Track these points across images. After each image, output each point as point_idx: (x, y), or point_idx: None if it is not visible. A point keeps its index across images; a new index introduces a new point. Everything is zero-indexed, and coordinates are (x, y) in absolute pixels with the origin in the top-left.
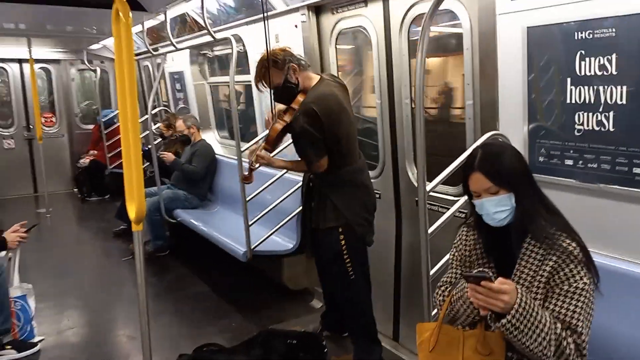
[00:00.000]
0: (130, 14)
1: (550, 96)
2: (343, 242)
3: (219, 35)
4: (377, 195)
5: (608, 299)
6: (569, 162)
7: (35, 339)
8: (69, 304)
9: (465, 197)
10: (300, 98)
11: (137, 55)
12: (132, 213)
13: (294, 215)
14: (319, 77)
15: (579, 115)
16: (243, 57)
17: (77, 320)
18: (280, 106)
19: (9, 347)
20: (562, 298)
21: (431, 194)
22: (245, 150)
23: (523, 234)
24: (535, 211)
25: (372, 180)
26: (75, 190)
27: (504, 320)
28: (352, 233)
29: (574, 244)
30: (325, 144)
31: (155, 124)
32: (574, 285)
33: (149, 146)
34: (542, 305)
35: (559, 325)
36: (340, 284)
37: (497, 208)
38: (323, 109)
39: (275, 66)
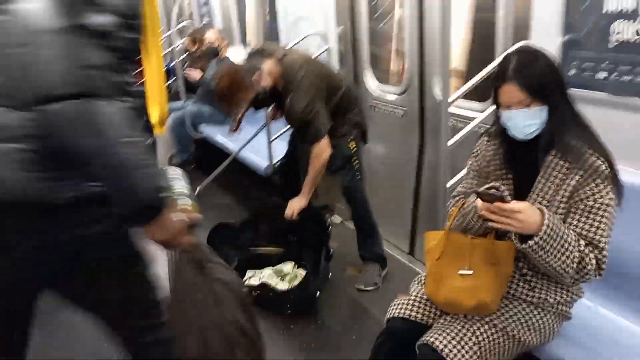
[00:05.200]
0: None
1: (586, 4)
2: (352, 147)
3: None
4: (401, 113)
5: (629, 214)
6: (603, 74)
7: None
8: None
9: (488, 112)
10: (280, 86)
11: None
12: (155, 115)
13: None
14: (273, 60)
15: (616, 24)
16: None
17: None
18: None
19: None
20: (585, 214)
21: (456, 111)
22: None
23: (548, 147)
24: (565, 125)
25: (396, 97)
26: None
27: (531, 242)
28: (363, 137)
29: (601, 160)
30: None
31: (180, 39)
32: (599, 201)
33: (174, 62)
34: (564, 221)
35: (582, 242)
36: (351, 187)
37: (528, 122)
38: (309, 78)
39: (241, 90)
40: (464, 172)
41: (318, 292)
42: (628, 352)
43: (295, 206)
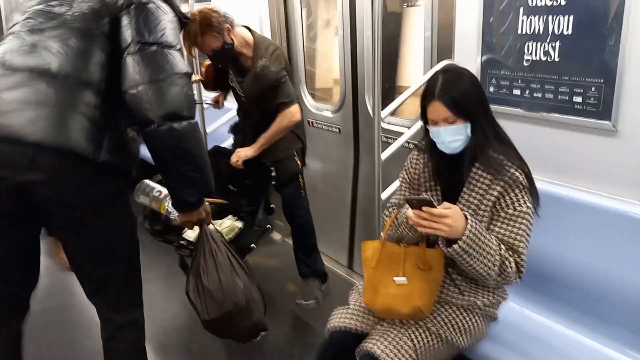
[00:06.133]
0: None
1: (503, 27)
2: (299, 164)
3: None
4: (337, 130)
5: (545, 221)
6: (517, 92)
7: None
8: None
9: (416, 127)
10: (246, 52)
11: None
12: None
13: None
14: (244, 28)
15: (528, 45)
16: None
17: None
18: None
19: None
20: (506, 221)
21: (387, 127)
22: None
23: (473, 160)
24: (487, 140)
25: (332, 115)
26: None
27: (455, 246)
28: (303, 156)
29: (519, 172)
30: None
31: None
32: (518, 209)
33: None
34: (487, 228)
35: (503, 247)
36: (295, 204)
37: (453, 137)
38: (281, 55)
39: (211, 30)
40: (395, 183)
41: (253, 245)
42: (549, 348)
43: (242, 154)
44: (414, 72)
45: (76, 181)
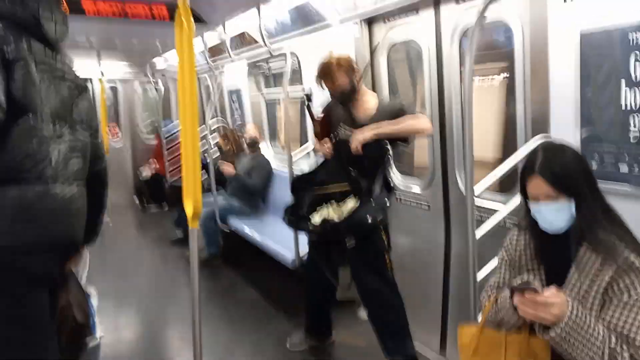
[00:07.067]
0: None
1: (604, 99)
2: (385, 240)
3: (274, 48)
4: (427, 206)
5: None
6: (624, 167)
7: (97, 334)
8: (127, 303)
9: (514, 204)
10: (367, 99)
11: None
12: (189, 209)
13: None
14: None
15: (634, 118)
16: (297, 72)
17: (134, 318)
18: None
19: None
20: (619, 310)
21: (479, 203)
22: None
23: (580, 240)
24: (595, 219)
25: (421, 191)
26: (135, 198)
27: (552, 333)
28: (387, 231)
29: (635, 255)
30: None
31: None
32: (634, 297)
33: (207, 159)
34: (598, 315)
35: (613, 338)
36: (382, 282)
37: (556, 215)
38: None
39: (345, 68)
40: (492, 263)
41: (370, 218)
42: None
43: (359, 138)
44: (487, 144)
45: None
